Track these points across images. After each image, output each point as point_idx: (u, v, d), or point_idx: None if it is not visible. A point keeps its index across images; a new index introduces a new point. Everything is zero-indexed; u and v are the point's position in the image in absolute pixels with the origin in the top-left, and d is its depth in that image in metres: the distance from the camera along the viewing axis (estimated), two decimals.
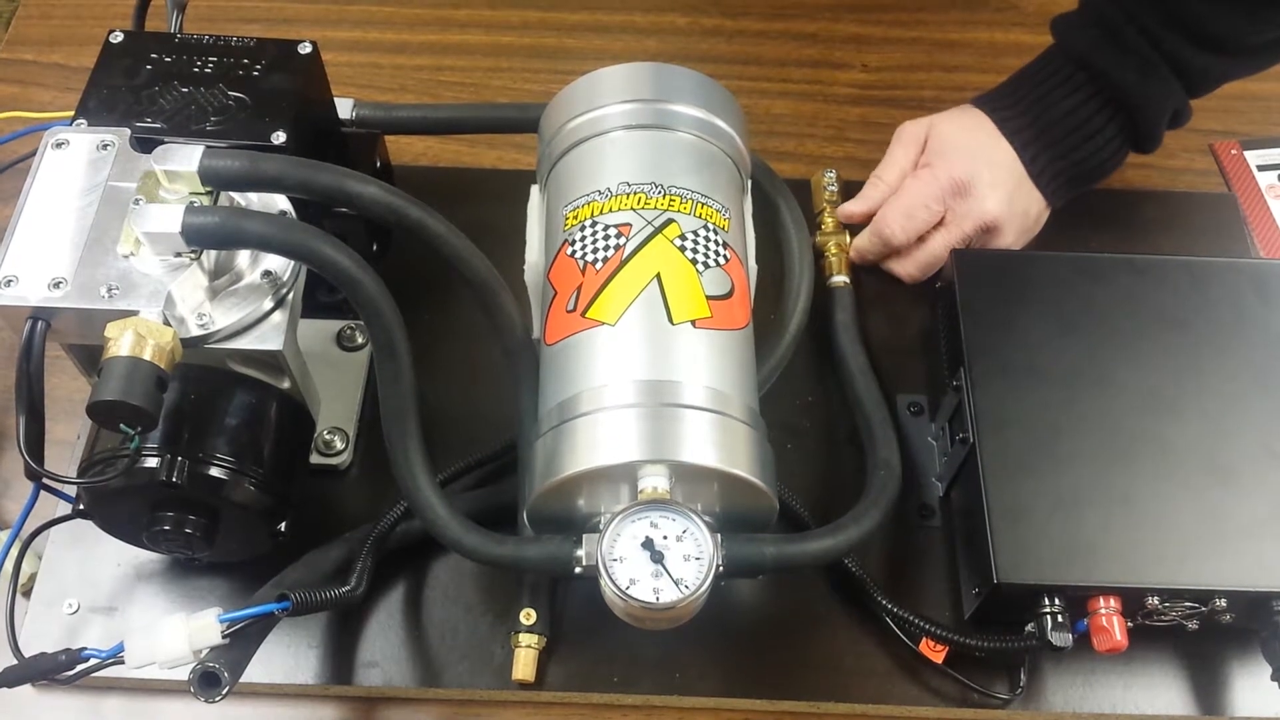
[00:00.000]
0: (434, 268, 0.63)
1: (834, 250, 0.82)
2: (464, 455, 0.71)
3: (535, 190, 0.70)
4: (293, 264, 0.62)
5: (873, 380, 0.75)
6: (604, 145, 0.65)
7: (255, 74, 0.68)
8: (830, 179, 0.86)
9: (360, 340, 0.78)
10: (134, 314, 0.56)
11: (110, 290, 0.58)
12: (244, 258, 0.62)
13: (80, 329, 0.59)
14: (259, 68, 0.68)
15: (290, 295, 0.62)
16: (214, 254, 0.60)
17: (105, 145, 0.62)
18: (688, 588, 0.57)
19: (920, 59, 0.97)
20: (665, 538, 0.58)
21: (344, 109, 0.75)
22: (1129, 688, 0.68)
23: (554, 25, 0.98)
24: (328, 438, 0.73)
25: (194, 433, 0.61)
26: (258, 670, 0.62)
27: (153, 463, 0.59)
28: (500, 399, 0.67)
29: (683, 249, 0.61)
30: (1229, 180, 0.91)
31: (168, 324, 0.57)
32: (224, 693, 0.56)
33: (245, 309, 0.61)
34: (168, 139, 0.63)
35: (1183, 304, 0.72)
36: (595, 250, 0.61)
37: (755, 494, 0.58)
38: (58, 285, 0.58)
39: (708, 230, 0.62)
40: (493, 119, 0.82)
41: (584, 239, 0.62)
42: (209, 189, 0.59)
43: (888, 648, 0.69)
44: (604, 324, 0.59)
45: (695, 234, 0.62)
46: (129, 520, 0.63)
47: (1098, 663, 0.68)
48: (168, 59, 0.68)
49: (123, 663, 0.57)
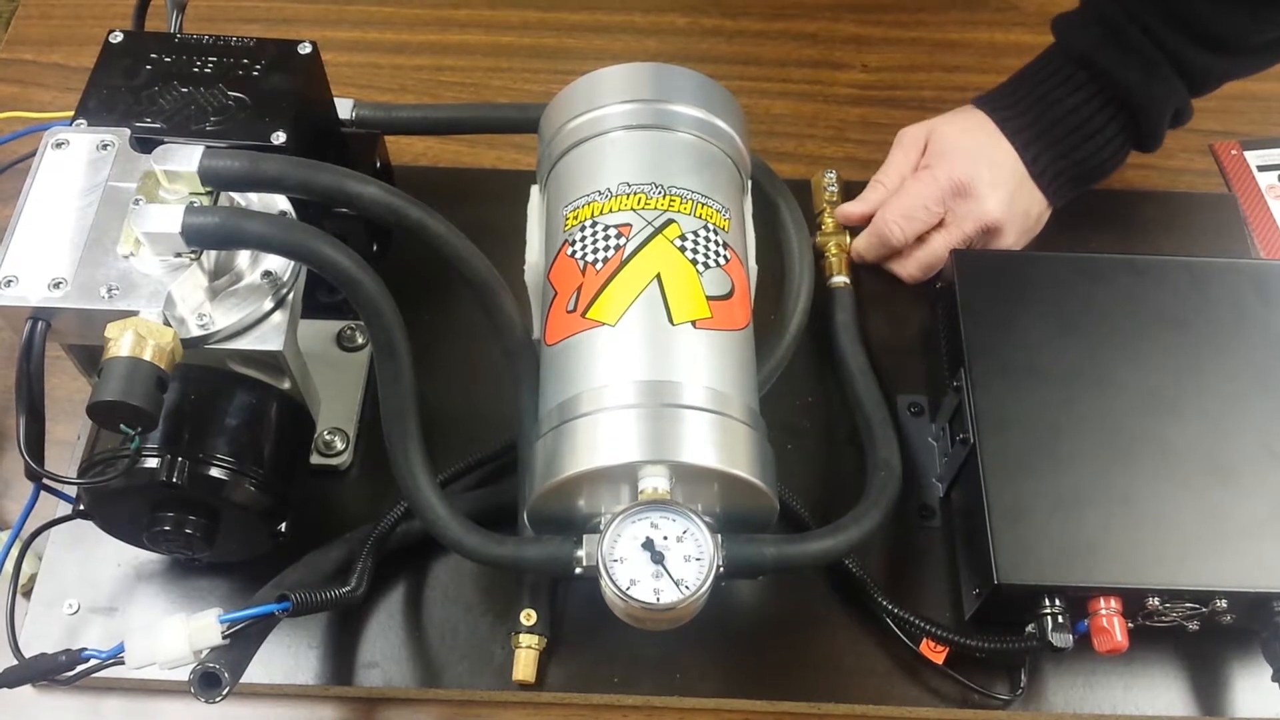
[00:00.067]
0: (434, 268, 0.63)
1: (834, 250, 0.82)
2: (464, 455, 0.71)
3: (535, 190, 0.70)
4: (293, 264, 0.62)
5: (873, 380, 0.75)
6: (604, 145, 0.65)
7: (255, 74, 0.68)
8: (830, 179, 0.86)
9: (360, 340, 0.77)
10: (134, 314, 0.56)
11: (110, 290, 0.58)
12: (244, 258, 0.62)
13: (80, 329, 0.59)
14: (259, 68, 0.68)
15: (290, 296, 0.62)
16: (214, 254, 0.60)
17: (105, 145, 0.62)
18: (688, 588, 0.57)
19: (920, 59, 0.97)
20: (666, 538, 0.57)
21: (344, 109, 0.75)
22: (1129, 688, 0.68)
23: (554, 25, 0.98)
24: (328, 438, 0.73)
25: (194, 433, 0.61)
26: (258, 671, 0.62)
27: (153, 463, 0.59)
28: (500, 399, 0.67)
29: (683, 249, 0.61)
30: (1229, 180, 0.91)
31: (168, 324, 0.57)
32: (224, 693, 0.56)
33: (245, 309, 0.61)
34: (168, 139, 0.63)
35: (1183, 304, 0.72)
36: (595, 250, 0.61)
37: (755, 494, 0.58)
38: (58, 285, 0.58)
39: (708, 230, 0.62)
40: (493, 119, 0.82)
41: (584, 239, 0.62)
42: (209, 189, 0.59)
43: (888, 648, 0.69)
44: (604, 324, 0.59)
45: (695, 234, 0.62)
46: (129, 521, 0.63)
47: (1098, 663, 0.68)
48: (168, 59, 0.68)
49: (123, 663, 0.57)
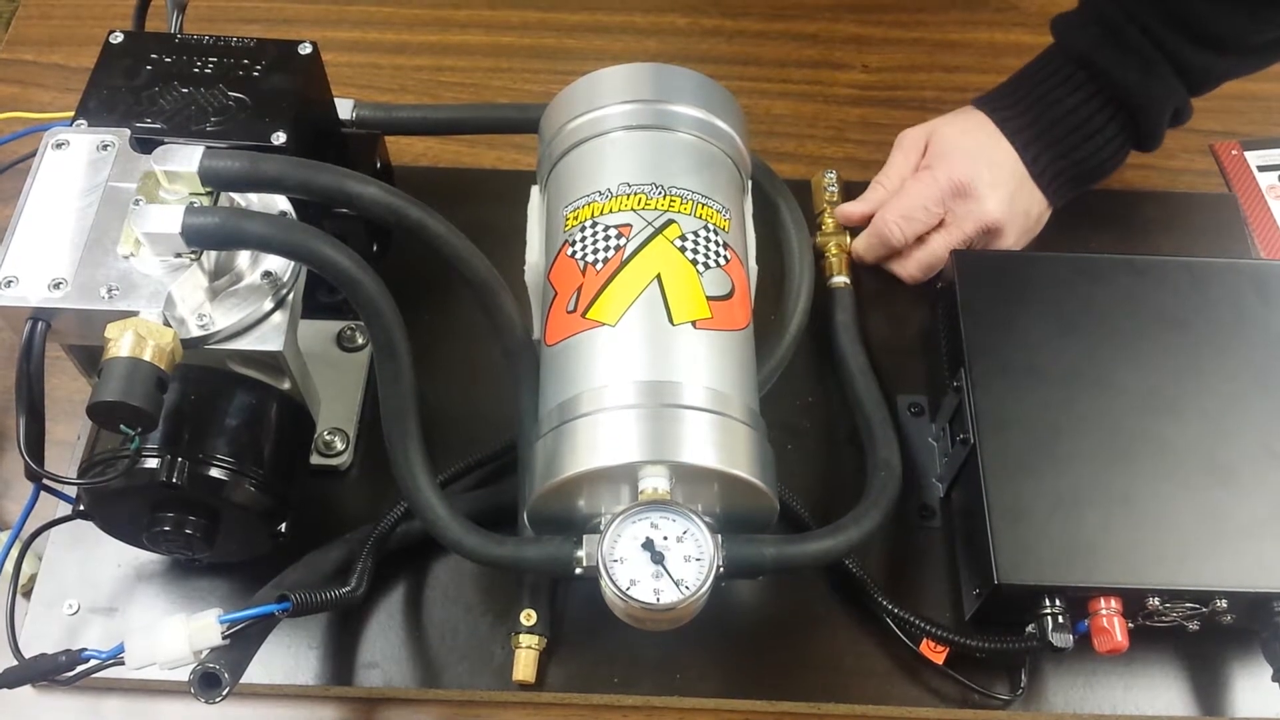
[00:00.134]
0: (434, 268, 0.63)
1: (834, 251, 0.82)
2: (464, 455, 0.71)
3: (535, 191, 0.70)
4: (293, 264, 0.62)
5: (873, 380, 0.75)
6: (604, 146, 0.65)
7: (255, 74, 0.68)
8: (830, 180, 0.86)
9: (360, 340, 0.77)
10: (134, 314, 0.56)
11: (110, 291, 0.58)
12: (244, 258, 0.62)
13: (80, 330, 0.59)
14: (259, 68, 0.68)
15: (290, 296, 0.62)
16: (214, 255, 0.60)
17: (105, 146, 0.62)
18: (688, 588, 0.57)
19: (921, 59, 0.97)
20: (666, 538, 0.57)
21: (344, 109, 0.75)
22: (1130, 688, 0.68)
23: (554, 25, 0.98)
24: (328, 438, 0.73)
25: (194, 433, 0.61)
26: (258, 671, 0.62)
27: (153, 463, 0.59)
28: (500, 399, 0.67)
29: (683, 249, 0.61)
30: (1229, 180, 0.91)
31: (168, 325, 0.57)
32: (224, 693, 0.56)
33: (245, 310, 0.61)
34: (168, 139, 0.63)
35: (1183, 304, 0.72)
36: (595, 251, 0.61)
37: (755, 494, 0.58)
38: (58, 286, 0.58)
39: (708, 231, 0.62)
40: (493, 119, 0.82)
41: (584, 239, 0.62)
42: (209, 189, 0.59)
43: (888, 648, 0.69)
44: (604, 325, 0.59)
45: (695, 234, 0.62)
46: (129, 521, 0.63)
47: (1098, 663, 0.68)
48: (168, 59, 0.68)
49: (123, 663, 0.57)
